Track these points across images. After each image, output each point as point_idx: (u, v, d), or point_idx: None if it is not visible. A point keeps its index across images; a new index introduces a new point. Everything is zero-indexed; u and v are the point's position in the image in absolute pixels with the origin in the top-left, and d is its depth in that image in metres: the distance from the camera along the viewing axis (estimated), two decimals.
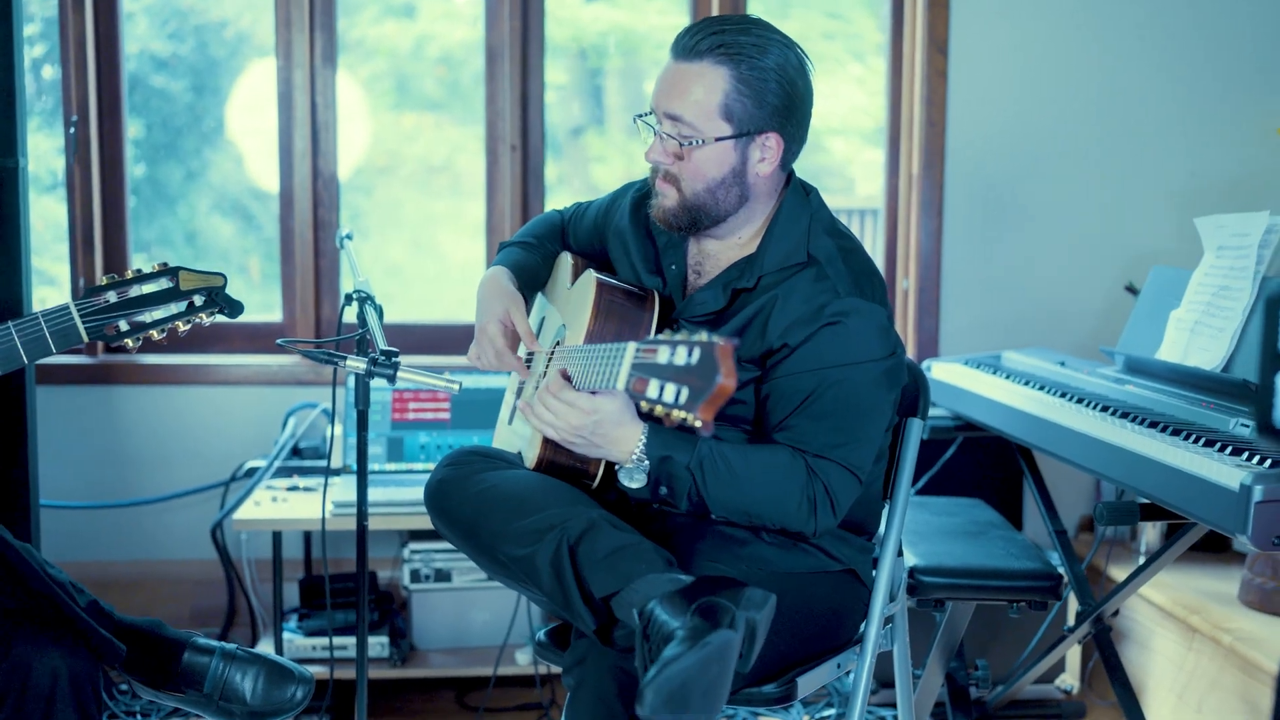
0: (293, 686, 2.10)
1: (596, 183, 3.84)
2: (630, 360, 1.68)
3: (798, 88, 2.03)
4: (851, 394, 1.97)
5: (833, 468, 1.96)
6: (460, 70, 3.84)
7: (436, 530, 2.15)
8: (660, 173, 2.06)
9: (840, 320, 1.96)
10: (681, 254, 2.16)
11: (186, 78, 3.74)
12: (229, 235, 3.86)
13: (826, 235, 2.06)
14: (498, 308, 2.23)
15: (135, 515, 3.55)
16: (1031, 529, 3.66)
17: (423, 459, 3.35)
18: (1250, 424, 2.23)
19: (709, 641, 1.65)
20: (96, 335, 1.94)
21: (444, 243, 3.99)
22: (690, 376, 1.59)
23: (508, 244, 2.41)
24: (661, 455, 1.92)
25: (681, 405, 1.59)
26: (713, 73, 1.98)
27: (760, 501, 1.95)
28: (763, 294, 2.03)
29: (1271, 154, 3.74)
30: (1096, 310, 3.76)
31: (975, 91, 3.68)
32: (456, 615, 3.34)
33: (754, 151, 2.02)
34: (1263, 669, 2.75)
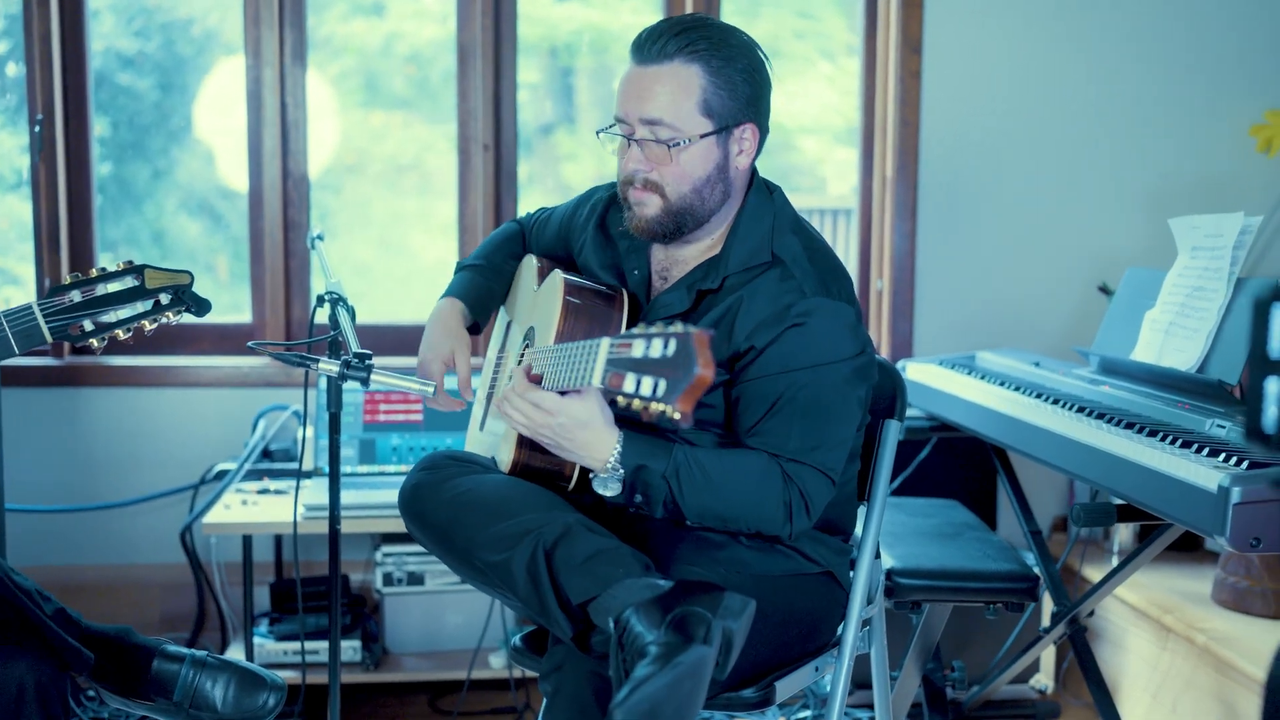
0: (264, 693, 2.07)
1: (568, 181, 3.82)
2: (605, 355, 1.66)
3: (762, 75, 2.03)
4: (822, 395, 1.96)
5: (807, 471, 1.95)
6: (429, 68, 3.81)
7: (411, 535, 2.12)
8: (638, 182, 2.03)
9: (806, 320, 1.94)
10: (644, 259, 2.14)
11: (153, 76, 3.69)
12: (196, 234, 3.82)
13: (791, 234, 2.04)
14: (443, 347, 2.23)
15: (103, 519, 3.50)
16: (1005, 529, 3.67)
17: (395, 461, 3.32)
18: (1226, 424, 2.23)
19: (680, 662, 1.63)
20: (61, 335, 1.90)
21: (413, 242, 3.95)
22: (667, 368, 1.58)
23: (464, 265, 2.38)
24: (637, 464, 1.90)
25: (659, 398, 1.57)
26: (685, 71, 1.97)
27: (737, 508, 1.94)
28: (728, 295, 2.01)
29: (1243, 155, 3.76)
30: (1069, 311, 3.76)
31: (949, 92, 3.68)
32: (429, 619, 3.31)
33: (734, 145, 2.02)
34: (1237, 668, 2.75)
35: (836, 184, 4.13)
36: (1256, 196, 3.71)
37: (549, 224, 2.38)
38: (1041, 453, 2.55)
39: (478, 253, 2.40)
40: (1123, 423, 2.37)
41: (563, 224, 2.34)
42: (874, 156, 3.78)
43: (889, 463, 2.29)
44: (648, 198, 2.02)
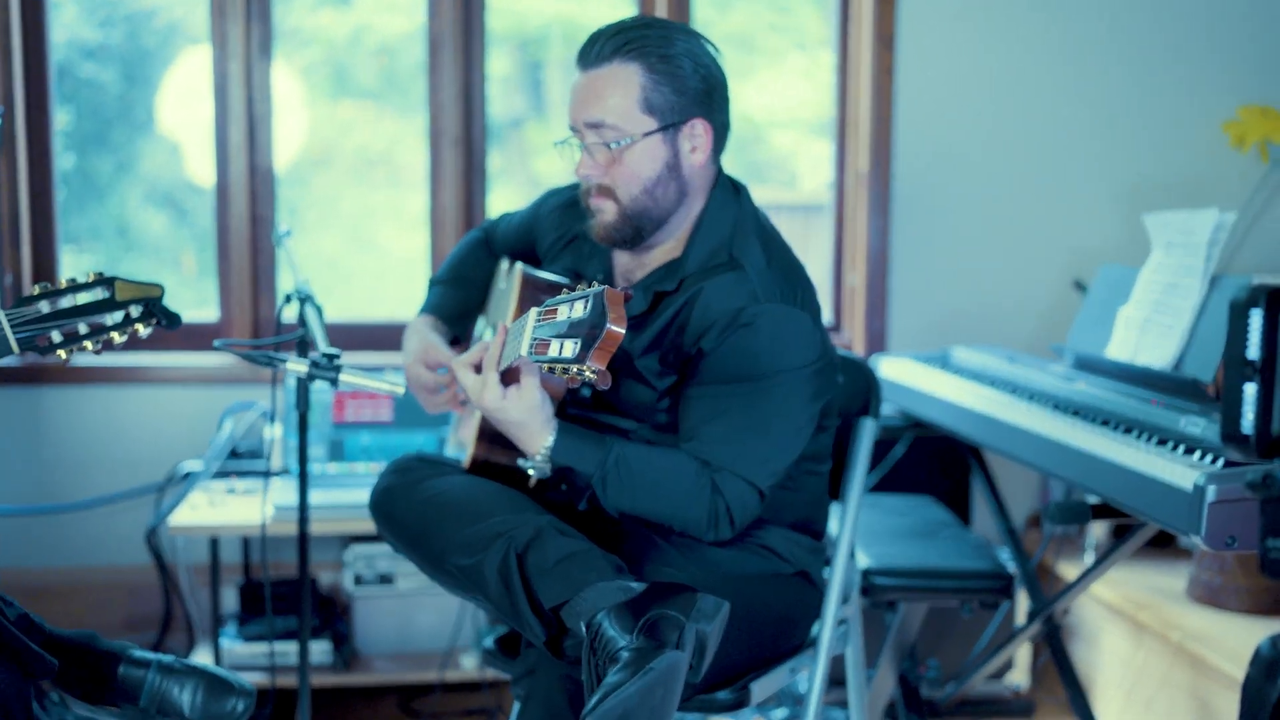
0: (233, 699, 2.02)
1: (537, 175, 3.78)
2: (532, 324, 1.65)
3: (712, 71, 2.00)
4: (763, 405, 1.93)
5: (736, 483, 1.93)
6: (398, 60, 3.76)
7: (383, 539, 2.09)
8: (593, 189, 2.02)
9: (754, 324, 1.92)
10: (605, 262, 2.12)
11: (116, 67, 3.63)
12: (161, 228, 3.76)
13: (753, 236, 2.02)
14: (417, 349, 2.22)
15: (65, 520, 3.44)
16: (980, 526, 3.66)
17: (365, 460, 3.28)
18: (1201, 422, 2.22)
19: (652, 668, 1.61)
20: (28, 346, 1.86)
21: (383, 237, 3.91)
22: (583, 328, 1.57)
23: (435, 281, 2.38)
24: (564, 465, 1.90)
25: (577, 357, 1.56)
26: (624, 71, 1.95)
27: (659, 513, 1.94)
28: (684, 293, 1.99)
29: (1216, 151, 3.76)
30: (1043, 307, 3.76)
31: (923, 88, 3.67)
32: (400, 619, 3.27)
33: (684, 142, 1.99)
34: (1212, 666, 2.75)
35: (809, 179, 4.10)
36: (1230, 192, 3.71)
37: (510, 226, 2.37)
38: (1016, 450, 2.54)
39: (445, 267, 2.40)
40: (1097, 420, 2.36)
41: (524, 227, 2.33)
42: (847, 152, 3.76)
43: (864, 461, 2.28)
44: (604, 204, 2.01)
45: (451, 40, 3.55)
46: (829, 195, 3.85)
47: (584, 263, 2.14)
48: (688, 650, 1.65)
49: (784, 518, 2.08)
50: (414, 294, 3.77)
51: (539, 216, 2.28)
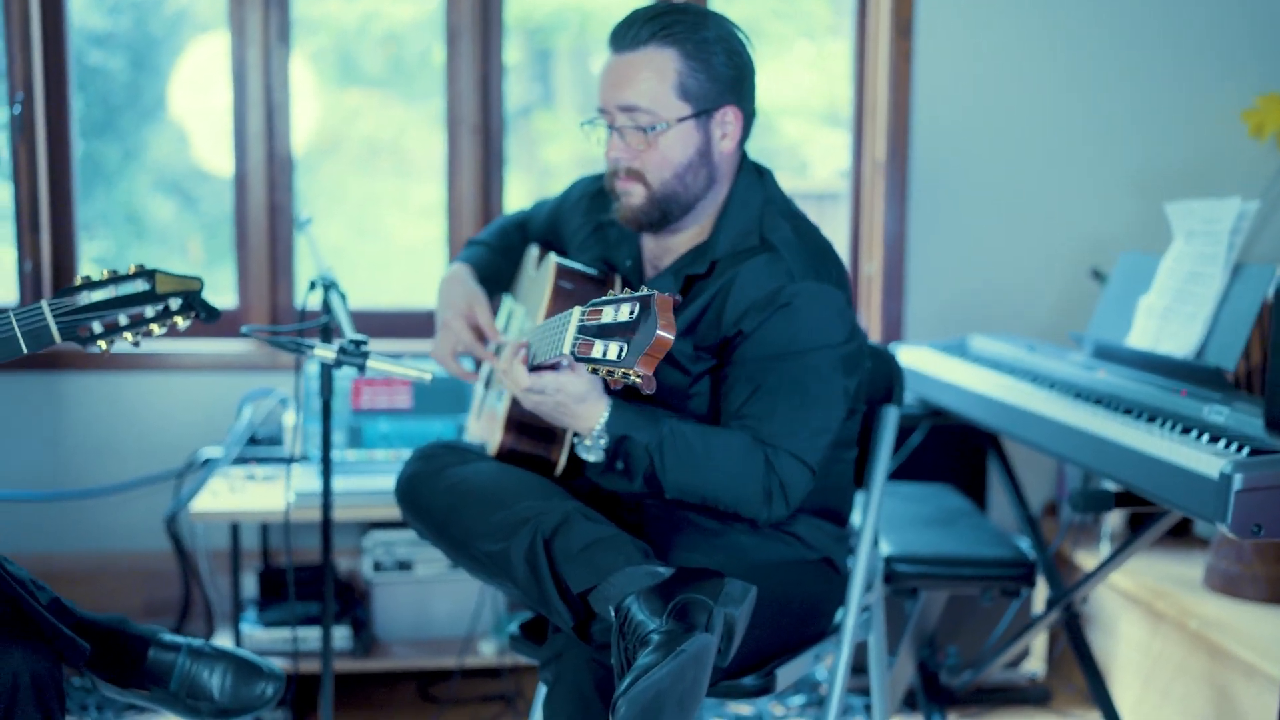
0: (262, 683, 2.04)
1: (547, 163, 3.78)
2: (575, 323, 1.65)
3: (743, 58, 2.01)
4: (806, 381, 1.94)
5: (788, 460, 1.93)
6: (406, 48, 3.76)
7: (409, 525, 2.10)
8: (621, 172, 2.02)
9: (794, 303, 1.93)
10: (634, 247, 2.13)
11: (125, 54, 3.63)
12: (169, 215, 3.76)
13: (781, 217, 2.03)
14: (460, 303, 2.21)
15: (85, 506, 3.45)
16: (995, 514, 3.67)
17: (384, 447, 3.29)
18: (1224, 410, 2.22)
19: (683, 650, 1.62)
20: (69, 336, 1.87)
21: (390, 224, 3.90)
22: (630, 332, 1.57)
23: (477, 241, 2.39)
24: (621, 434, 1.88)
25: (623, 361, 1.56)
26: (660, 56, 1.95)
27: (717, 488, 1.92)
28: (717, 279, 2.00)
29: (1231, 139, 3.76)
30: (1060, 295, 3.76)
31: (941, 75, 3.66)
32: (419, 606, 3.28)
33: (715, 129, 2.00)
34: (1230, 654, 2.76)
35: (820, 167, 4.10)
36: (1247, 181, 3.71)
37: (542, 216, 2.38)
38: (1037, 438, 2.54)
39: (487, 232, 2.41)
40: (1120, 408, 2.37)
41: (551, 216, 2.35)
42: (864, 140, 3.76)
43: (888, 449, 2.28)
44: (632, 187, 2.02)
45: (470, 29, 3.55)
46: (840, 183, 3.85)
47: (612, 250, 2.14)
48: (716, 633, 1.66)
49: (810, 504, 2.08)
50: (420, 282, 3.80)
51: (565, 205, 2.29)
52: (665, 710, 1.59)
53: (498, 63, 3.60)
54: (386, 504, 3.04)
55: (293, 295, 3.59)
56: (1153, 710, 3.02)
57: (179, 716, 2.05)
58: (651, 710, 1.58)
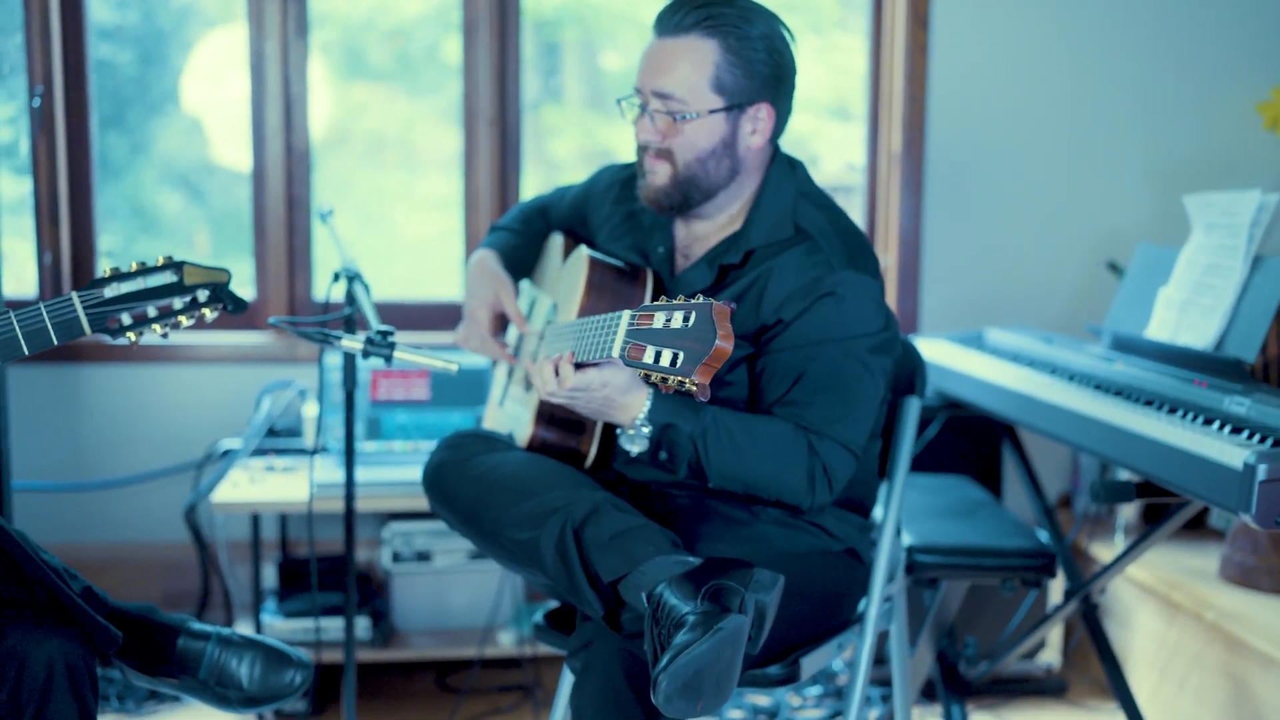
0: (290, 671, 2.05)
1: (553, 156, 3.78)
2: (625, 327, 1.66)
3: (785, 57, 2.02)
4: (847, 369, 1.96)
5: (832, 445, 1.94)
6: (413, 41, 3.77)
7: (435, 514, 2.11)
8: (651, 150, 2.03)
9: (835, 293, 1.94)
10: (668, 235, 2.13)
11: (133, 48, 3.63)
12: (176, 208, 3.76)
13: (815, 208, 2.04)
14: (486, 292, 2.22)
15: (104, 497, 3.47)
16: (1010, 506, 3.68)
17: (402, 438, 3.30)
18: (1245, 402, 2.23)
19: (721, 627, 1.64)
20: (99, 328, 1.88)
21: (397, 218, 3.90)
22: (686, 340, 1.58)
23: (501, 226, 2.39)
24: (665, 422, 1.89)
25: (678, 369, 1.57)
26: (701, 46, 1.96)
27: (761, 475, 1.93)
28: (753, 269, 2.01)
29: (1246, 131, 3.76)
30: (1075, 287, 3.77)
31: (957, 68, 3.67)
32: (437, 596, 3.29)
33: (745, 124, 2.01)
34: (1247, 645, 2.77)
35: (829, 161, 4.10)
36: (1262, 173, 3.72)
37: (565, 204, 2.39)
38: (1057, 430, 2.55)
39: (511, 217, 2.41)
40: (1141, 399, 2.37)
41: (577, 202, 2.35)
42: (880, 132, 3.77)
43: (910, 440, 2.30)
44: (659, 166, 2.04)
45: (487, 22, 3.56)
46: (849, 177, 3.85)
47: (645, 237, 2.15)
48: (749, 615, 1.68)
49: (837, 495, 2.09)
50: (427, 275, 3.80)
51: (592, 193, 2.29)
52: (704, 687, 1.62)
53: (515, 55, 3.61)
54: (405, 495, 3.05)
55: (310, 287, 3.60)
56: (1169, 701, 3.04)
57: (208, 704, 2.07)
58: (692, 686, 1.60)
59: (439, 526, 3.24)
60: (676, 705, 1.61)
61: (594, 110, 3.89)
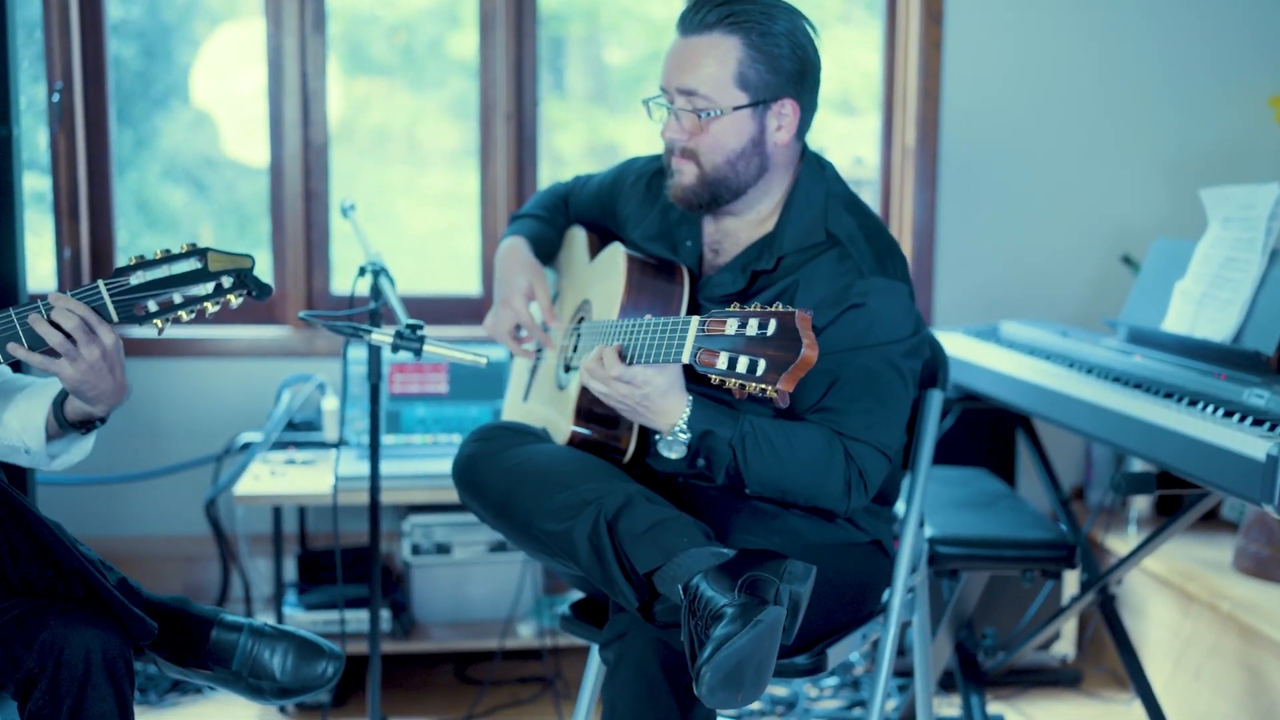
0: (323, 662, 2.07)
1: (558, 150, 3.79)
2: (695, 332, 1.67)
3: (809, 53, 2.02)
4: (880, 374, 1.97)
5: (867, 449, 1.96)
6: (415, 36, 3.77)
7: (464, 506, 2.12)
8: (677, 150, 2.04)
9: (866, 301, 1.95)
10: (697, 230, 2.14)
11: (137, 43, 3.63)
12: (180, 203, 3.77)
13: (845, 211, 2.05)
14: (521, 281, 2.22)
15: (125, 491, 3.49)
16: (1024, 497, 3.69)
17: (421, 431, 3.32)
18: (1265, 394, 2.25)
19: (761, 620, 1.66)
20: (126, 316, 1.89)
21: (401, 212, 3.90)
22: (767, 348, 1.59)
23: (520, 215, 2.39)
24: (704, 429, 1.90)
25: (759, 377, 1.58)
26: (724, 43, 1.97)
27: (798, 480, 1.94)
28: (784, 276, 2.02)
29: (1259, 125, 3.77)
30: (1089, 281, 3.79)
31: (970, 62, 3.68)
32: (456, 588, 3.32)
33: (771, 120, 2.02)
34: (1263, 635, 2.79)
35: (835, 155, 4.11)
36: (1275, 167, 3.73)
37: (585, 190, 2.38)
38: (1076, 422, 2.57)
39: (535, 204, 2.40)
40: (1161, 392, 2.39)
41: (601, 192, 2.34)
42: (894, 125, 3.78)
43: (933, 432, 2.31)
44: (685, 166, 2.04)
45: (504, 17, 3.57)
46: (856, 171, 3.87)
47: (674, 229, 2.16)
48: (784, 606, 1.70)
49: None
50: (433, 269, 3.81)
51: (620, 185, 2.29)
52: (745, 678, 1.64)
53: (531, 50, 3.63)
54: (424, 488, 3.08)
55: (329, 281, 3.62)
56: (1183, 690, 3.06)
57: (241, 695, 2.08)
58: (733, 677, 1.63)
59: (458, 519, 3.26)
60: (719, 696, 1.64)
61: (599, 105, 3.90)
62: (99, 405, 1.93)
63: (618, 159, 3.75)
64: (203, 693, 3.14)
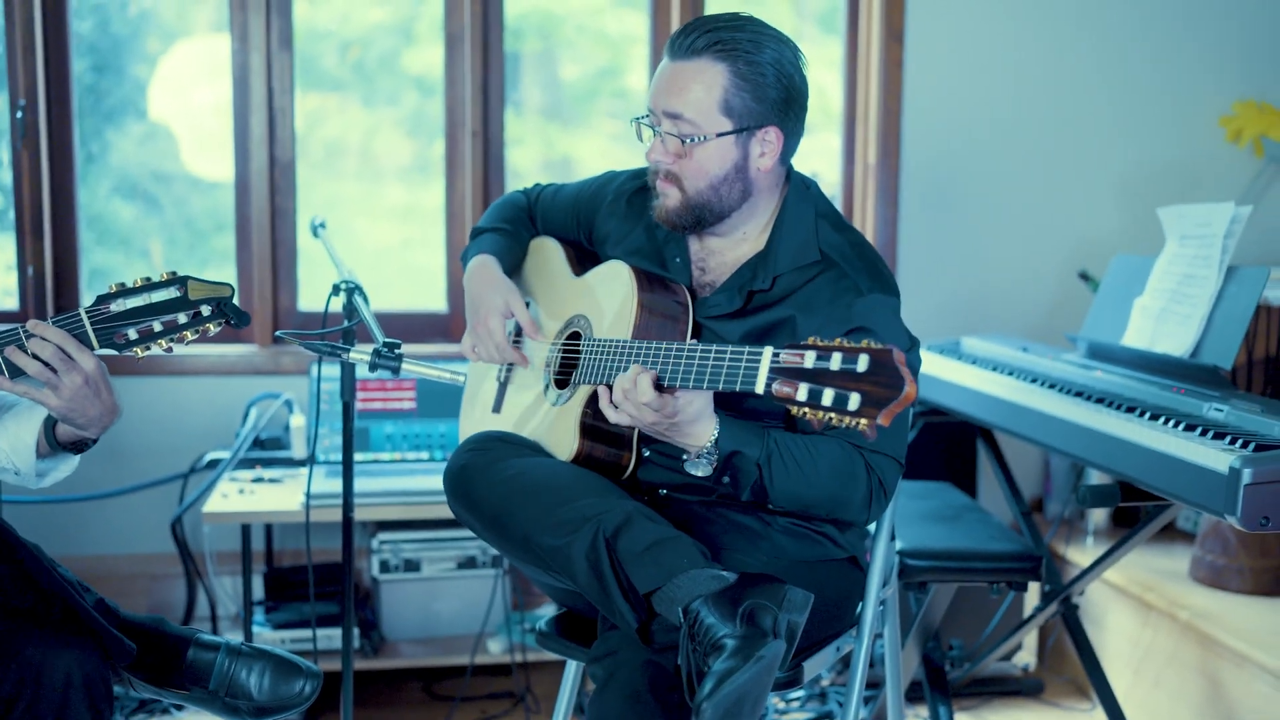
0: (300, 681, 2.07)
1: (515, 165, 3.80)
2: (768, 364, 1.69)
3: (795, 81, 2.05)
4: None
5: (885, 460, 1.99)
6: (368, 51, 3.78)
7: (456, 515, 2.11)
8: (661, 173, 2.07)
9: (870, 325, 1.98)
10: (684, 247, 2.17)
11: (87, 57, 3.61)
12: (130, 218, 3.74)
13: (835, 230, 2.09)
14: (496, 300, 2.21)
15: (90, 509, 3.47)
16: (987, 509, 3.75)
17: (389, 449, 3.33)
18: (1224, 408, 2.31)
19: (763, 655, 1.67)
20: (106, 343, 1.91)
21: (357, 227, 3.89)
22: (860, 383, 1.59)
23: (482, 229, 2.36)
24: (732, 450, 1.92)
25: (853, 411, 1.59)
26: (711, 69, 1.99)
27: (823, 494, 1.96)
28: (782, 297, 2.05)
29: (1211, 144, 3.87)
30: (1048, 296, 3.85)
31: (931, 80, 3.75)
32: (425, 605, 3.32)
33: (755, 146, 2.04)
34: (1221, 643, 2.85)
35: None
36: (1228, 184, 3.82)
37: (557, 201, 2.38)
38: (1041, 436, 2.62)
39: (496, 217, 2.38)
40: (1123, 406, 2.44)
41: (578, 205, 2.34)
42: (856, 143, 3.83)
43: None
44: (669, 189, 2.06)
45: (470, 35, 3.59)
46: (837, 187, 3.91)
47: (662, 246, 2.18)
48: (784, 639, 1.72)
49: None
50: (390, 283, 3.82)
51: (599, 201, 2.29)
52: (743, 712, 1.66)
53: (499, 68, 3.65)
54: (394, 504, 3.08)
55: (296, 298, 3.62)
56: (1144, 699, 3.12)
57: (217, 716, 2.08)
58: (733, 713, 1.64)
59: (427, 535, 3.27)
60: None
61: (553, 120, 3.92)
62: (91, 429, 1.93)
63: (573, 173, 3.82)
64: (170, 713, 3.12)
